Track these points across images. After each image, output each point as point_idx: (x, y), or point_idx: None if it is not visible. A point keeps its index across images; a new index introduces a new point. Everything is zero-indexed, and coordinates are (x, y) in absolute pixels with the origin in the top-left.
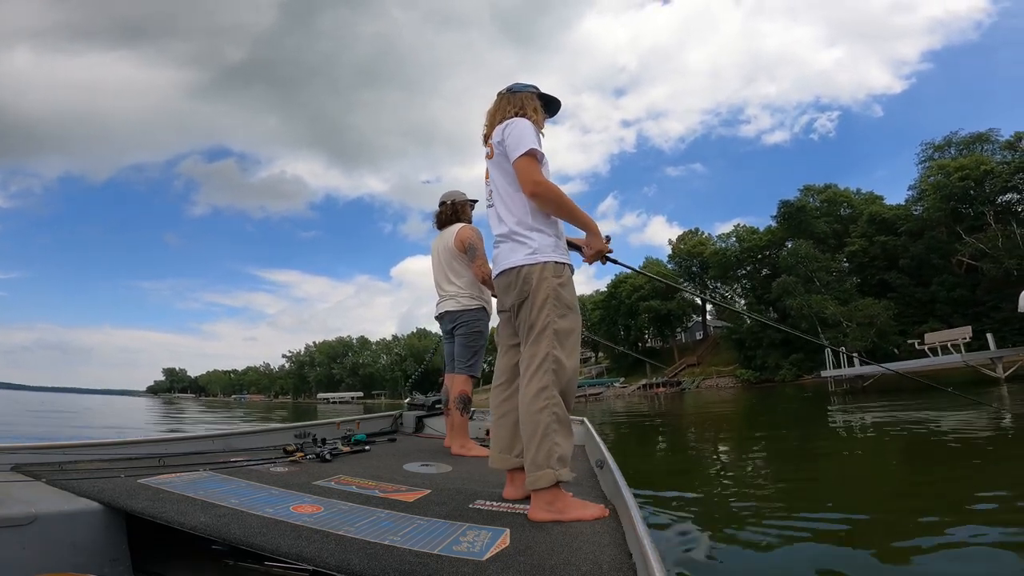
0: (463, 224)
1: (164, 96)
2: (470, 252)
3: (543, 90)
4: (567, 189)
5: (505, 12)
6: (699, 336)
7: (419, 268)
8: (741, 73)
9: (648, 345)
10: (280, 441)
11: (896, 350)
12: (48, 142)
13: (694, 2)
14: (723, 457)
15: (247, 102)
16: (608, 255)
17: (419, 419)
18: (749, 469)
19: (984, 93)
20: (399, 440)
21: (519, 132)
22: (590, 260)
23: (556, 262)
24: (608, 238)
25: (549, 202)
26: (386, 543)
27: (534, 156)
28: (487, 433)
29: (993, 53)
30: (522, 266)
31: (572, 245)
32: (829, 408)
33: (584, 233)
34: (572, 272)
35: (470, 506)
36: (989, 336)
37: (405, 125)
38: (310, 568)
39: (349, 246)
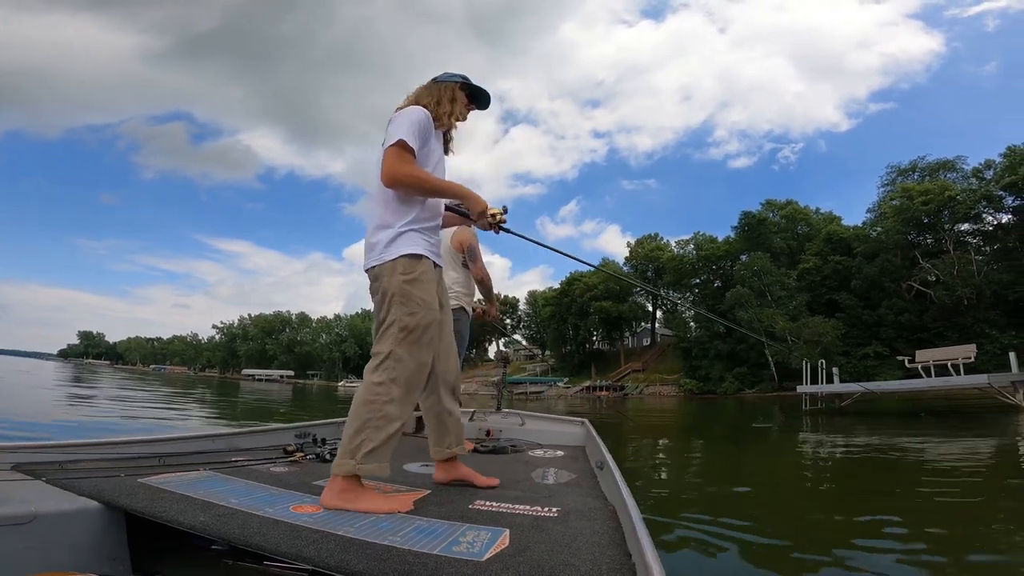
0: (457, 227)
1: (127, 59)
2: (469, 254)
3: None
4: (530, 191)
5: (479, 10)
6: (646, 342)
7: None
8: (715, 97)
9: (596, 347)
10: (281, 441)
11: (836, 369)
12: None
13: (680, 26)
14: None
15: (212, 71)
16: (496, 218)
17: (419, 419)
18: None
19: (925, 137)
20: (399, 441)
21: (399, 122)
22: (481, 225)
23: (407, 256)
24: (505, 208)
25: (410, 188)
26: (385, 543)
27: (402, 147)
28: (487, 434)
29: (938, 98)
30: (373, 267)
31: (461, 214)
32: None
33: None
34: (435, 265)
35: (470, 506)
36: (1012, 356)
37: (371, 111)
38: (309, 568)
39: (302, 222)
